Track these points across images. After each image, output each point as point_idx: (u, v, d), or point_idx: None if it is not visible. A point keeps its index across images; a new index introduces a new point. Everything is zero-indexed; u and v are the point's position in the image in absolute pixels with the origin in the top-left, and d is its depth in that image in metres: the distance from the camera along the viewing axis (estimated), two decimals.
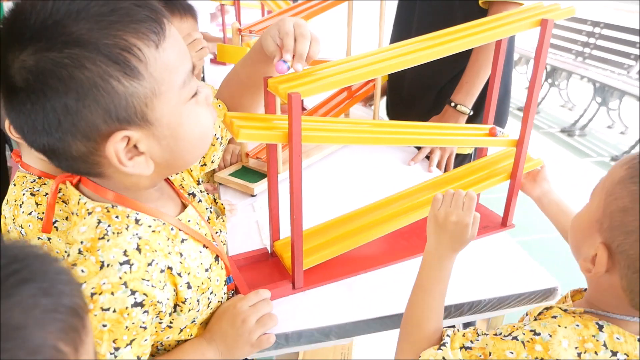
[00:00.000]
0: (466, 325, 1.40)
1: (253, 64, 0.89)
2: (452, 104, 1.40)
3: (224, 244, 0.92)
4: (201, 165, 0.92)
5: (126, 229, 0.64)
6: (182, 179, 0.84)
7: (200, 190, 0.87)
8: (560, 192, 1.05)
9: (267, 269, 0.97)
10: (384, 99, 1.78)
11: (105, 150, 0.58)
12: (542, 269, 0.98)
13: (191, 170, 0.88)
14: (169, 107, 0.61)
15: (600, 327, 0.63)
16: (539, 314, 0.71)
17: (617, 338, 0.63)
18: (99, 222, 0.64)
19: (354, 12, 1.49)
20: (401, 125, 1.01)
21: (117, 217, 0.65)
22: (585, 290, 0.75)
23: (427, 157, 1.47)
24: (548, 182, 1.07)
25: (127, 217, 0.65)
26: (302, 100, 1.89)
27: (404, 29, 1.56)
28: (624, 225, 0.60)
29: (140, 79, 0.57)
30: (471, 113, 1.41)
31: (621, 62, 4.53)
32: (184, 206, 0.77)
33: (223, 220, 0.92)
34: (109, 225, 0.64)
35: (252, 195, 1.26)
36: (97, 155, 0.60)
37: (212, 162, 0.94)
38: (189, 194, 0.83)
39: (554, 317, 0.67)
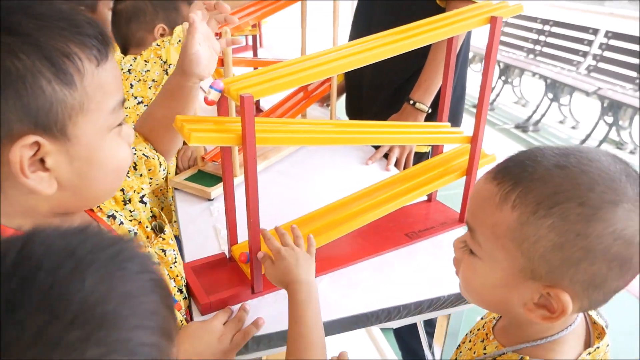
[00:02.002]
0: (427, 322, 1.42)
1: (169, 101, 0.89)
2: (411, 102, 1.41)
3: (174, 262, 0.84)
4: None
5: None
6: None
7: (131, 210, 0.79)
8: None
9: (226, 274, 0.95)
10: (342, 98, 1.78)
11: (10, 153, 0.52)
12: None
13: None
14: (93, 128, 0.58)
15: None
16: None
17: None
18: None
19: (307, 12, 1.48)
20: (358, 124, 1.00)
21: None
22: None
23: (386, 155, 1.47)
24: None
25: None
26: (258, 101, 1.87)
27: (363, 28, 1.56)
28: (567, 260, 0.55)
29: (72, 89, 0.54)
30: (429, 111, 1.42)
31: (570, 58, 4.68)
32: None
33: (163, 239, 0.84)
34: None
35: (209, 200, 1.24)
36: None
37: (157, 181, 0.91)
38: (108, 217, 0.74)
39: None
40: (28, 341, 0.29)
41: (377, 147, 1.49)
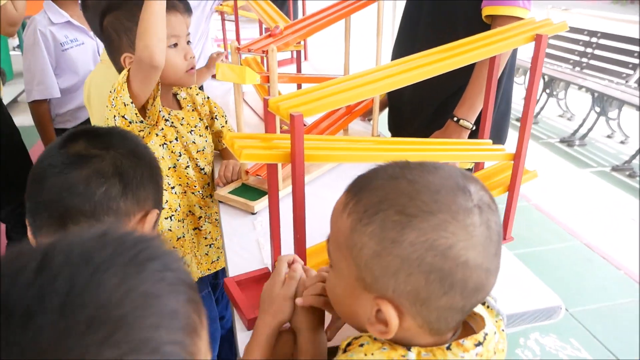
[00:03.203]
0: None
1: None
2: (455, 119, 1.40)
3: None
4: None
5: None
6: None
7: None
8: None
9: None
10: (383, 112, 1.79)
11: (147, 219, 0.84)
12: (544, 286, 0.97)
13: None
14: None
15: (409, 347, 0.58)
16: (348, 344, 0.63)
17: (424, 354, 0.57)
18: None
19: (351, 29, 1.50)
20: (400, 142, 1.01)
21: None
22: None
23: None
24: None
25: None
26: None
27: (407, 44, 1.56)
28: (386, 268, 0.55)
29: None
30: (474, 128, 1.41)
31: (619, 71, 4.55)
32: None
33: None
34: None
35: (253, 213, 1.26)
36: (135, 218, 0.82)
37: None
38: None
39: (361, 345, 0.61)
40: (44, 346, 0.30)
41: None
